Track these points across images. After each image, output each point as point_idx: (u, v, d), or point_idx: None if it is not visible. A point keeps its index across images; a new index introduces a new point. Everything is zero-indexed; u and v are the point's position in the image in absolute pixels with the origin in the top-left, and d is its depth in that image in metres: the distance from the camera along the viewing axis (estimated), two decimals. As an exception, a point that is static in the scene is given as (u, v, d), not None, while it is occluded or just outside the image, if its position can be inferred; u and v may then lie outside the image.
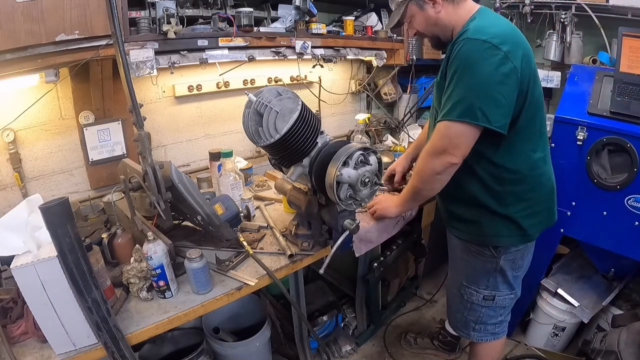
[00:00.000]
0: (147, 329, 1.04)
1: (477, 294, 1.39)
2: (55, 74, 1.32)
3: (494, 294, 1.38)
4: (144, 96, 1.78)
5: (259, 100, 1.10)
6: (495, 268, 1.34)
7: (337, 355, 2.03)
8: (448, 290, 1.59)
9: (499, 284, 1.37)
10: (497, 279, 1.36)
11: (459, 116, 1.09)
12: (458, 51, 1.09)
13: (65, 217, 0.81)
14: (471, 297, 1.41)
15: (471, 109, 1.07)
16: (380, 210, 1.49)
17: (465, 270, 1.41)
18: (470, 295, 1.41)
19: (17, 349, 0.97)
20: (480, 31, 1.08)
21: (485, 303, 1.40)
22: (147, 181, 1.12)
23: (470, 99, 1.07)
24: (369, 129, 2.61)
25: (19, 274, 0.86)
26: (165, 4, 1.40)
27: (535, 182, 1.26)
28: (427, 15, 1.22)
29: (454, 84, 1.10)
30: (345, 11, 2.28)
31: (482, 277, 1.37)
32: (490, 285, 1.37)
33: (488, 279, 1.36)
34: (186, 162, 2.02)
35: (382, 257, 1.93)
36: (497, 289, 1.37)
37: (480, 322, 1.44)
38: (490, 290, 1.37)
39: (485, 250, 1.33)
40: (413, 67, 2.47)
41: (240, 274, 1.24)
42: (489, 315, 1.43)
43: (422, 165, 1.22)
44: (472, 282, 1.40)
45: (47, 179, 1.60)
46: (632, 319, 1.70)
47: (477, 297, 1.40)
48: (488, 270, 1.35)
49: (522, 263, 1.37)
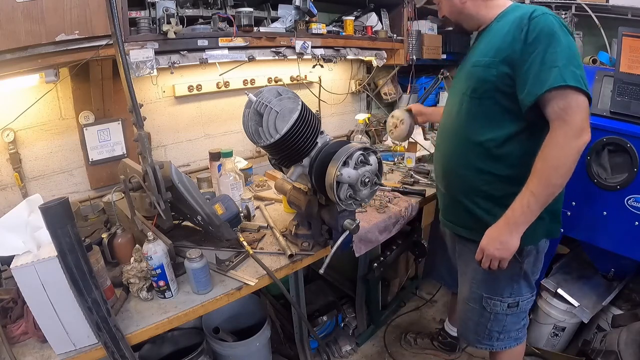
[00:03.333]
0: (147, 329, 1.04)
1: (501, 304, 1.29)
2: (55, 74, 1.32)
3: (518, 300, 1.29)
4: (144, 96, 1.78)
5: (259, 100, 1.10)
6: (519, 273, 1.25)
7: (337, 355, 2.03)
8: (462, 305, 1.43)
9: (522, 288, 1.28)
10: (521, 284, 1.28)
11: (577, 83, 0.98)
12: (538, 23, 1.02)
13: (65, 217, 0.81)
14: (495, 308, 1.31)
15: (580, 78, 0.99)
16: (497, 252, 1.13)
17: (485, 282, 1.30)
18: (494, 306, 1.30)
19: (17, 349, 0.97)
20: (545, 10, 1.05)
21: (509, 311, 1.30)
22: (147, 181, 1.12)
23: (572, 68, 0.99)
24: (369, 129, 2.61)
25: (19, 274, 0.86)
26: (165, 4, 1.40)
27: None
28: (452, 3, 1.23)
29: (545, 53, 1.00)
30: (345, 11, 2.28)
31: (506, 285, 1.27)
32: (514, 292, 1.28)
33: (512, 286, 1.27)
34: (186, 162, 2.02)
35: (382, 257, 1.93)
36: (520, 294, 1.29)
37: (504, 330, 1.35)
38: (514, 297, 1.28)
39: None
40: (413, 67, 2.47)
41: (240, 274, 1.24)
42: (512, 322, 1.34)
43: (560, 155, 1.01)
44: (495, 292, 1.29)
45: (47, 179, 1.60)
46: (632, 319, 1.70)
47: (502, 307, 1.30)
48: (512, 277, 1.26)
49: (541, 260, 1.30)
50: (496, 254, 1.13)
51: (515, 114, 1.11)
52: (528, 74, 1.03)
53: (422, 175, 2.12)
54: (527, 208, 1.07)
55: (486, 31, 1.21)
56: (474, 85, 1.16)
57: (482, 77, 1.13)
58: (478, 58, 1.17)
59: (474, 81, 1.16)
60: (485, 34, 1.21)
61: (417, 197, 1.87)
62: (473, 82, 1.17)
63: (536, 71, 1.01)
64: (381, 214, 1.70)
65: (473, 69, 1.18)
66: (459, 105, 1.23)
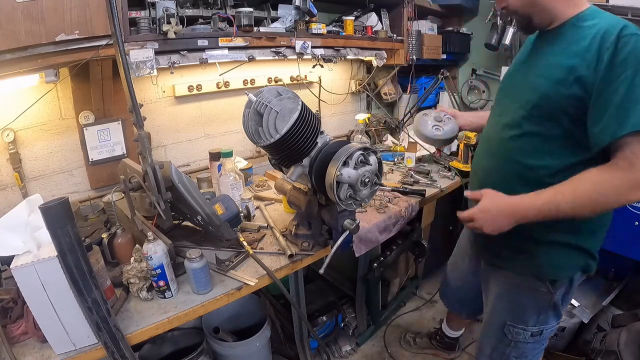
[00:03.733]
0: (147, 329, 1.04)
1: (524, 332, 1.21)
2: (55, 74, 1.32)
3: (543, 329, 1.20)
4: (144, 96, 1.78)
5: (259, 100, 1.10)
6: (549, 304, 1.16)
7: (337, 355, 2.03)
8: (483, 329, 1.36)
9: (550, 318, 1.19)
10: (549, 314, 1.18)
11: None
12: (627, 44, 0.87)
13: (65, 217, 0.81)
14: (517, 337, 1.23)
15: None
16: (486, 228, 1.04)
17: (511, 309, 1.22)
18: (516, 334, 1.22)
19: (17, 349, 0.97)
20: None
21: (532, 339, 1.22)
22: (147, 181, 1.12)
23: None
24: (369, 129, 2.61)
25: (19, 274, 0.86)
26: (165, 4, 1.40)
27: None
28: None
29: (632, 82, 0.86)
30: (345, 11, 2.28)
31: (533, 314, 1.18)
32: (540, 321, 1.19)
33: (539, 315, 1.18)
34: (186, 162, 2.02)
35: (382, 257, 1.93)
36: (546, 323, 1.20)
37: (522, 356, 1.27)
38: (539, 326, 1.20)
39: (540, 287, 1.14)
40: (413, 67, 2.47)
41: (240, 274, 1.24)
42: (533, 349, 1.26)
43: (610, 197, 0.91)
44: (520, 320, 1.20)
45: (47, 179, 1.60)
46: (632, 319, 1.71)
47: (524, 335, 1.22)
48: (541, 307, 1.17)
49: (573, 292, 1.20)
50: (484, 229, 1.04)
51: (578, 141, 0.96)
52: (607, 105, 0.88)
53: (422, 175, 2.12)
54: (543, 212, 0.96)
55: (558, 35, 1.02)
56: (536, 100, 1.00)
57: (549, 94, 0.98)
58: (548, 70, 0.99)
59: (537, 96, 1.00)
60: (557, 39, 1.01)
61: (417, 197, 1.87)
62: (536, 96, 1.01)
63: (618, 103, 0.87)
64: (381, 214, 1.70)
65: (538, 81, 1.01)
66: (513, 118, 1.07)
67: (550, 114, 0.99)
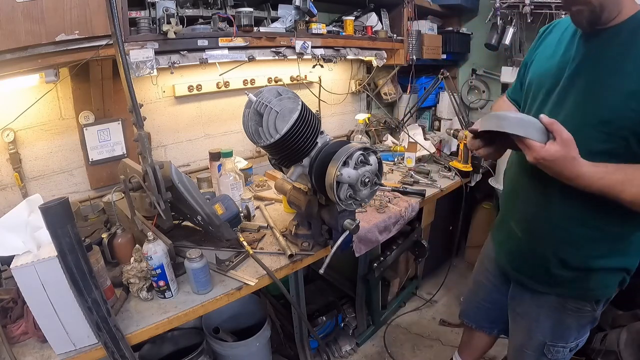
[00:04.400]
0: (147, 329, 1.04)
1: (563, 350, 1.18)
2: (55, 74, 1.32)
3: (579, 342, 1.18)
4: (144, 96, 1.78)
5: (259, 100, 1.10)
6: (591, 320, 1.13)
7: (337, 355, 2.03)
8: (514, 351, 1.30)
9: (587, 331, 1.18)
10: (587, 328, 1.17)
11: None
12: None
13: (65, 217, 0.81)
14: (557, 355, 1.18)
15: None
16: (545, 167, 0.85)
17: (552, 330, 1.17)
18: (556, 353, 1.18)
19: (17, 349, 0.97)
20: None
21: (569, 354, 1.20)
22: (147, 181, 1.12)
23: None
24: (369, 129, 2.61)
25: (19, 274, 0.86)
26: (165, 4, 1.40)
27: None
28: None
29: None
30: (345, 11, 2.28)
31: (574, 332, 1.15)
32: (579, 336, 1.17)
33: (579, 332, 1.15)
34: (186, 162, 2.02)
35: (382, 257, 1.93)
36: (583, 336, 1.18)
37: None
38: (577, 341, 1.17)
39: (585, 306, 1.09)
40: (413, 67, 2.47)
41: (240, 274, 1.24)
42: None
43: None
44: (561, 339, 1.16)
45: (47, 179, 1.60)
46: (632, 319, 1.70)
47: (564, 353, 1.18)
48: (584, 325, 1.15)
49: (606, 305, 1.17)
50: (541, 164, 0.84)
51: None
52: None
53: (422, 175, 2.12)
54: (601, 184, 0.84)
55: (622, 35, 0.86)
56: (606, 115, 0.86)
57: (620, 108, 0.84)
58: (618, 80, 0.84)
59: (606, 110, 0.86)
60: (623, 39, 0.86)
61: (417, 197, 1.87)
62: (605, 111, 0.86)
63: None
64: (381, 214, 1.70)
65: (607, 93, 0.86)
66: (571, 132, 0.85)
67: (621, 133, 0.85)
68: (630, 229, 0.97)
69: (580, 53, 0.94)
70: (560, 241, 1.03)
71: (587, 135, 0.88)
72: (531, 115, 0.89)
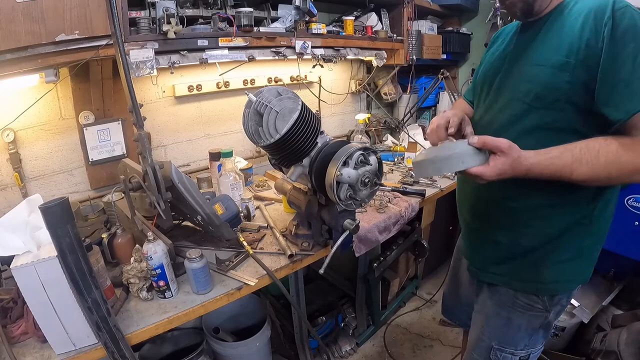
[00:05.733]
0: (147, 329, 1.04)
1: (512, 357, 1.11)
2: (55, 74, 1.32)
3: (530, 352, 1.11)
4: (144, 96, 1.78)
5: (259, 100, 1.10)
6: (543, 323, 1.07)
7: (337, 355, 2.03)
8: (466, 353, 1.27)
9: (539, 339, 1.10)
10: (539, 335, 1.09)
11: None
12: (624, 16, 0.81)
13: (65, 217, 0.81)
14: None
15: None
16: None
17: (500, 330, 1.11)
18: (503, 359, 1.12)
19: (17, 349, 0.97)
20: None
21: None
22: (147, 181, 1.12)
23: None
24: (369, 129, 2.62)
25: (19, 274, 0.85)
26: (165, 4, 1.40)
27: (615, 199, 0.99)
28: None
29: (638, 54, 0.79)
30: (345, 11, 2.28)
31: (524, 336, 1.09)
32: (530, 344, 1.10)
33: (530, 337, 1.09)
34: (186, 162, 2.02)
35: (382, 257, 1.93)
36: (535, 345, 1.11)
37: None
38: (527, 349, 1.10)
39: (536, 303, 1.04)
40: (413, 67, 2.47)
41: (240, 274, 1.24)
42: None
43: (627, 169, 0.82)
44: (509, 343, 1.10)
45: (47, 179, 1.60)
46: (632, 319, 1.70)
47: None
48: (534, 328, 1.08)
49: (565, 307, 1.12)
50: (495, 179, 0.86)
51: (583, 135, 0.86)
52: (615, 81, 0.81)
53: (422, 175, 2.12)
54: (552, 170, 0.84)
55: (548, 22, 0.95)
56: (538, 90, 0.91)
57: (551, 81, 0.89)
58: (544, 55, 0.91)
59: (538, 86, 0.91)
60: (548, 25, 0.94)
61: (417, 197, 1.87)
62: (537, 86, 0.91)
63: (627, 77, 0.79)
64: (381, 214, 1.70)
65: (536, 70, 0.92)
66: (510, 114, 0.98)
67: (556, 106, 0.90)
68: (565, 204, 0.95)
69: (515, 42, 1.04)
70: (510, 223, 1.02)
71: (526, 113, 0.94)
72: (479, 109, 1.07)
